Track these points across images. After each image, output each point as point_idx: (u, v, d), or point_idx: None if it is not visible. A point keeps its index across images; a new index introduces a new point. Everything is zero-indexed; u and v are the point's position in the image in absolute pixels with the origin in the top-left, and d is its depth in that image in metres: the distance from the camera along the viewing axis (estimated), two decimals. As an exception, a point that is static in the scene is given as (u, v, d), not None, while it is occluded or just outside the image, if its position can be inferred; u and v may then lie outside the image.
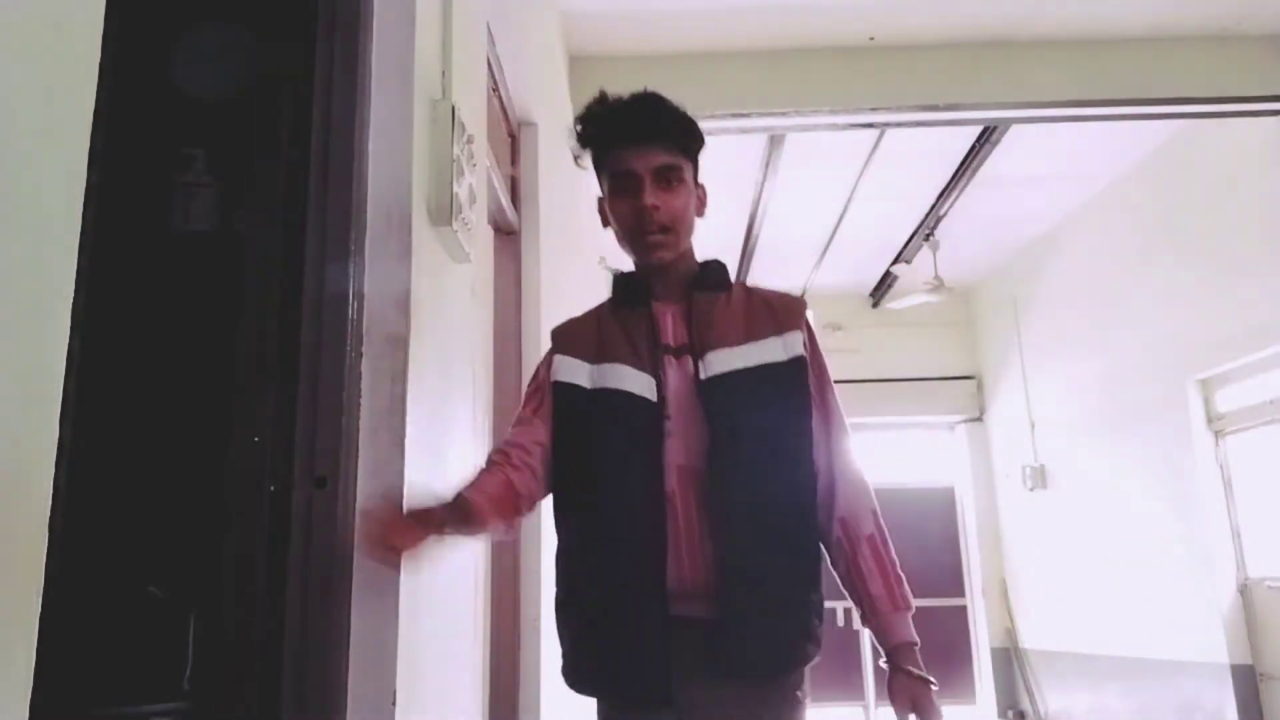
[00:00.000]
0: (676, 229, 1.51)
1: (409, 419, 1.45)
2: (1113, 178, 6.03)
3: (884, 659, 1.48)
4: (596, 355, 1.52)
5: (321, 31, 1.51)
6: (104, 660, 1.64)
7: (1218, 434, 5.36)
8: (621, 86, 1.56)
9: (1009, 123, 4.95)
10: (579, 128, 1.56)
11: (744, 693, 1.40)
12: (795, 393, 1.48)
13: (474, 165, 1.83)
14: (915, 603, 1.50)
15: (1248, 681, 5.05)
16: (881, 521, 1.51)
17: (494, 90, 2.65)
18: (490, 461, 1.48)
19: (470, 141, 1.80)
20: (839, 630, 7.83)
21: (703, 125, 1.59)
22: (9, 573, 0.60)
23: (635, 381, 1.47)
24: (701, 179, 1.59)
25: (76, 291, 0.71)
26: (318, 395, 1.39)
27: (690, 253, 1.57)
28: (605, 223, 1.59)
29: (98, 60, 0.72)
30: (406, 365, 1.47)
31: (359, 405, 1.42)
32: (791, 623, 1.42)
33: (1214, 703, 5.17)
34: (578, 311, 1.68)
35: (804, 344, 1.51)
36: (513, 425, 1.57)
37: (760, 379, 1.46)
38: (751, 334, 1.49)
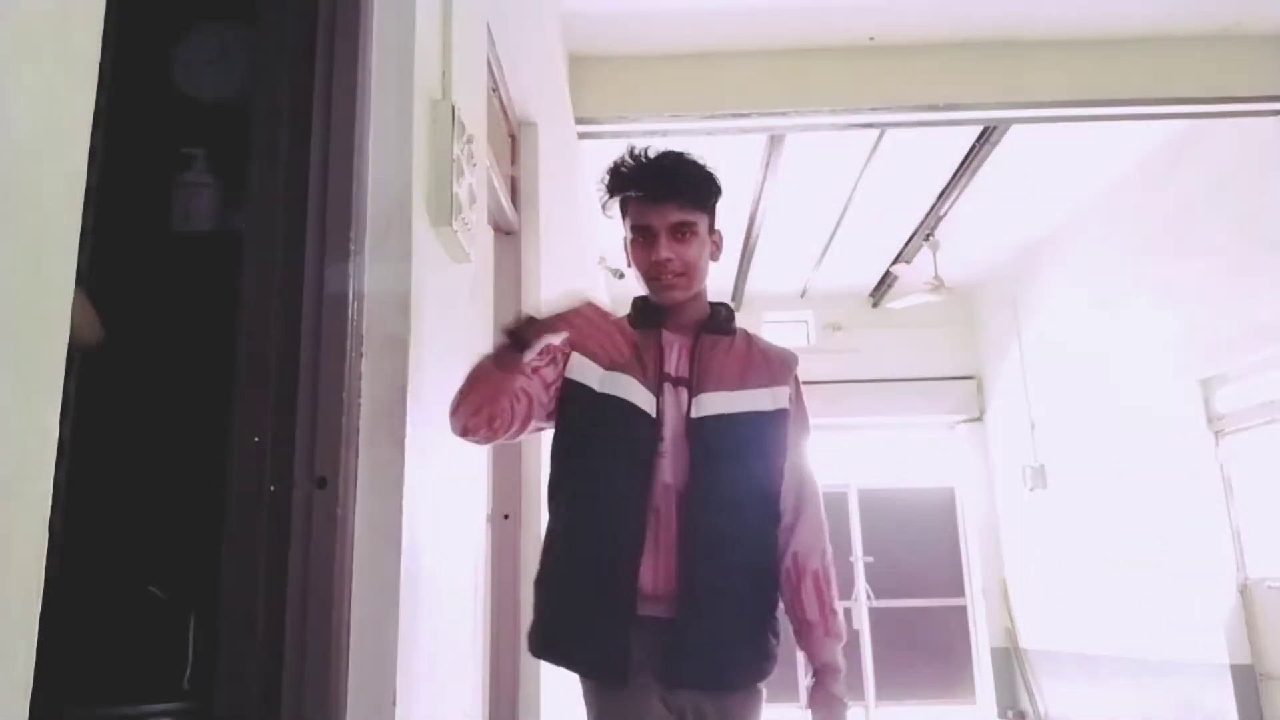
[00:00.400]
0: (689, 274, 1.64)
1: (409, 419, 1.45)
2: (1113, 178, 6.03)
3: (810, 676, 1.64)
4: (609, 363, 1.60)
5: (322, 31, 1.51)
6: (104, 660, 1.64)
7: (1218, 434, 5.36)
8: (621, 86, 1.56)
9: (1009, 123, 4.94)
10: (606, 179, 1.67)
11: (724, 696, 1.55)
12: (774, 440, 1.63)
13: (474, 165, 1.84)
14: (912, 601, 1.57)
15: (1248, 681, 5.05)
16: (829, 560, 1.66)
17: (494, 90, 2.65)
18: None
19: (470, 141, 1.80)
20: (839, 630, 7.82)
21: (703, 125, 1.62)
22: (9, 573, 0.60)
23: (640, 396, 1.58)
24: (719, 226, 1.71)
25: (76, 291, 0.70)
26: (318, 395, 1.39)
27: (703, 294, 1.70)
28: (629, 264, 1.73)
29: (98, 60, 0.72)
30: (406, 365, 1.47)
31: (359, 405, 1.42)
32: (748, 643, 1.56)
33: (1214, 703, 5.17)
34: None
35: (790, 398, 1.66)
36: None
37: (745, 425, 1.60)
38: (745, 382, 1.63)
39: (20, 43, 0.63)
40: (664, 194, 1.62)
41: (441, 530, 1.66)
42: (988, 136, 5.22)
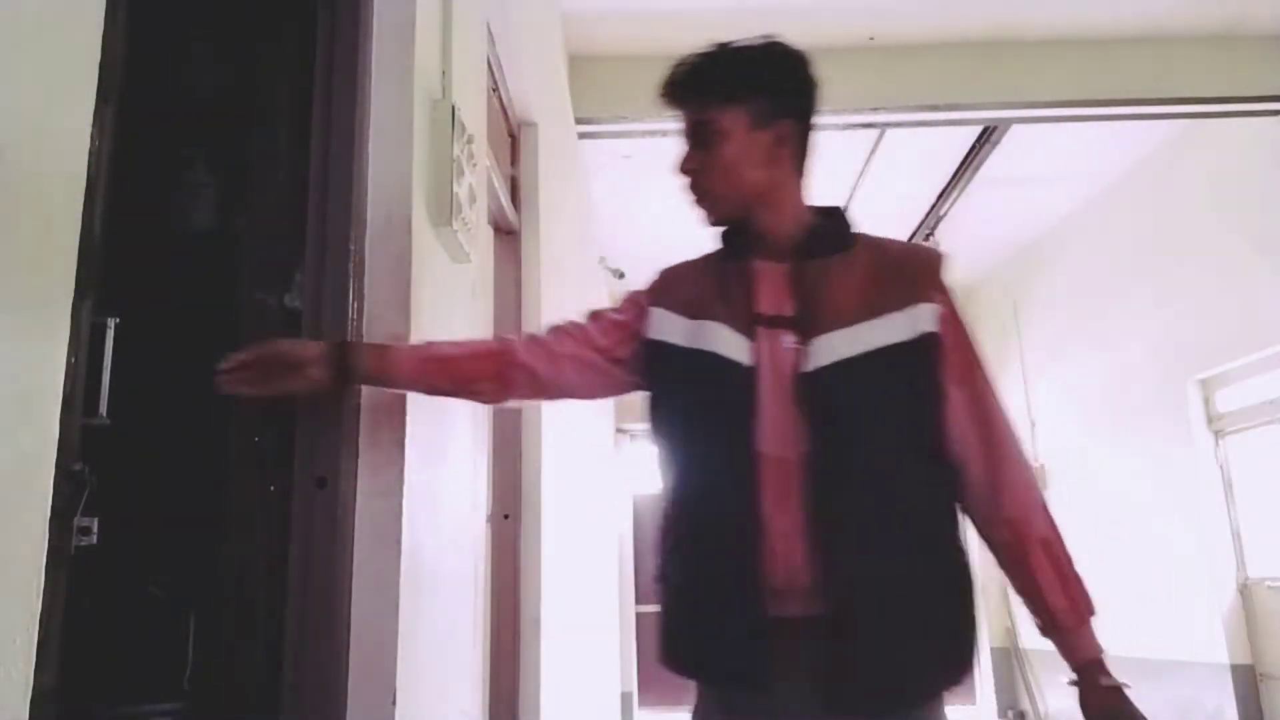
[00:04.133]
0: (716, 192, 1.32)
1: (409, 419, 1.45)
2: (1113, 178, 6.03)
3: (1071, 677, 1.30)
4: (694, 311, 1.33)
5: (321, 31, 1.51)
6: (104, 660, 1.64)
7: (1218, 434, 5.36)
8: (621, 86, 1.54)
9: (1009, 123, 4.94)
10: None
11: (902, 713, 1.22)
12: (921, 380, 1.25)
13: (474, 165, 1.84)
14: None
15: (1248, 681, 5.05)
16: (1053, 518, 1.29)
17: (494, 90, 2.65)
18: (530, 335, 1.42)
19: (470, 141, 1.80)
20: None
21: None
22: (9, 572, 0.60)
23: (729, 344, 1.27)
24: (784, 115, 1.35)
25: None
26: (318, 395, 1.39)
27: (788, 205, 1.34)
28: None
29: (98, 60, 0.72)
30: (406, 365, 1.47)
31: (359, 405, 1.42)
32: (929, 644, 1.22)
33: (1214, 703, 5.17)
34: (576, 310, 1.67)
35: (938, 317, 1.26)
36: (584, 320, 1.44)
37: (877, 367, 1.23)
38: (872, 308, 1.25)
39: (20, 43, 0.63)
40: (675, 97, 1.34)
41: (441, 530, 1.66)
42: (988, 136, 5.22)
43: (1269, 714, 4.95)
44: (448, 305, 1.77)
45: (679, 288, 1.39)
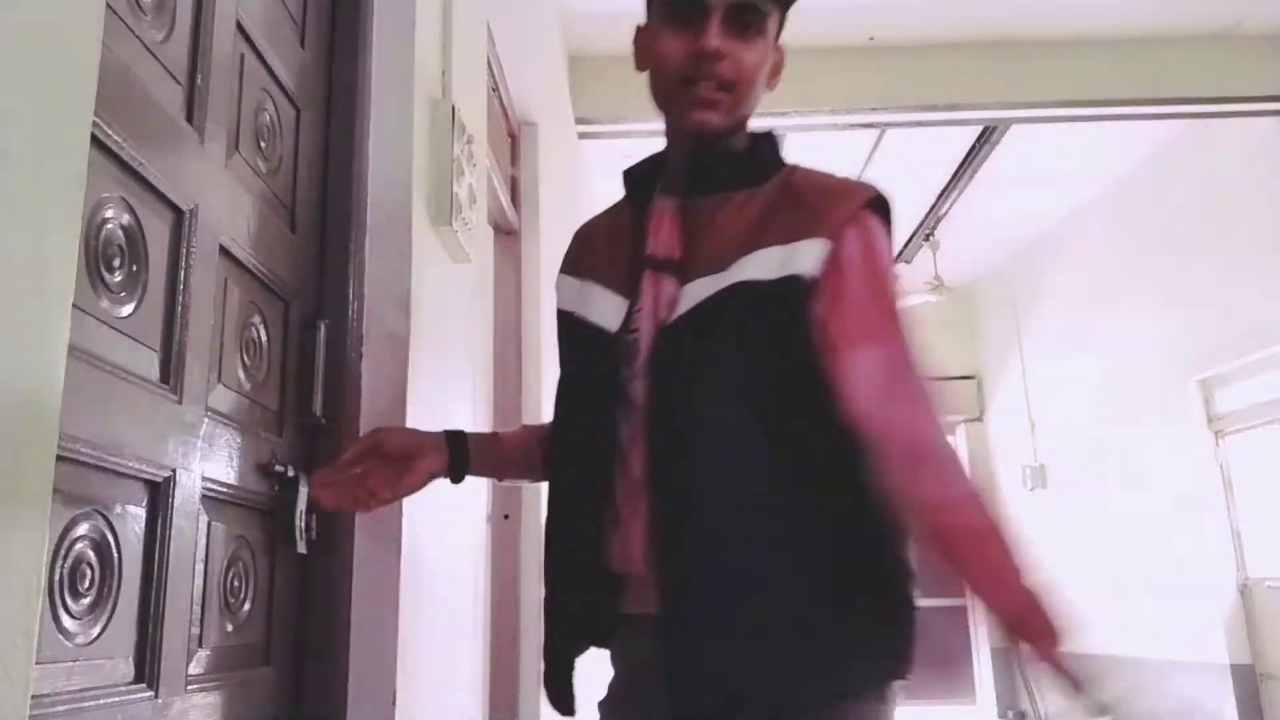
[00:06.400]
0: (739, 90, 1.09)
1: (409, 419, 1.45)
2: (1113, 178, 6.03)
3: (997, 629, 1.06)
4: (582, 270, 1.19)
5: (322, 31, 1.51)
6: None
7: (1218, 434, 5.36)
8: (622, 86, 1.53)
9: (1009, 123, 4.95)
10: None
11: None
12: (788, 330, 1.00)
13: (474, 165, 1.83)
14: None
15: (1248, 681, 5.05)
16: (984, 506, 1.03)
17: (494, 90, 2.64)
18: None
19: (470, 141, 1.80)
20: (839, 630, 7.83)
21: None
22: (10, 572, 0.60)
23: (602, 307, 1.11)
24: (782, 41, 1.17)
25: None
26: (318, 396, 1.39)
27: (742, 133, 1.16)
28: (641, 65, 1.17)
29: (98, 60, 0.72)
30: (406, 365, 1.47)
31: (359, 405, 1.42)
32: (778, 649, 0.96)
33: (1214, 703, 5.17)
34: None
35: (825, 257, 1.00)
36: None
37: (724, 310, 1.01)
38: (753, 242, 1.03)
39: (20, 43, 0.63)
40: None
41: (441, 530, 1.66)
42: (988, 136, 5.22)
43: (1269, 714, 4.95)
44: (448, 305, 1.77)
45: (584, 245, 1.25)
